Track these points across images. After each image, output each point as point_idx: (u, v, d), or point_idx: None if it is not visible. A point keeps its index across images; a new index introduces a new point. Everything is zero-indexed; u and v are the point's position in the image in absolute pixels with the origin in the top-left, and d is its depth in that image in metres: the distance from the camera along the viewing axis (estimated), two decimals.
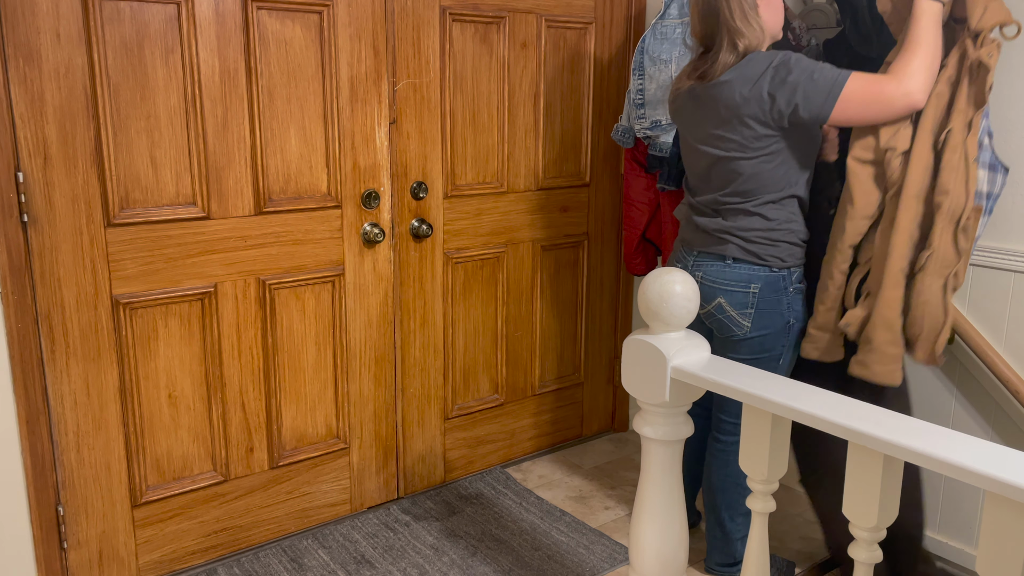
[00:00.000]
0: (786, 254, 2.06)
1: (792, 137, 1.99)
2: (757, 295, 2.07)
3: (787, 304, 2.09)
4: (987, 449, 1.24)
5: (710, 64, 2.02)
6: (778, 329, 2.10)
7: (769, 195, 2.03)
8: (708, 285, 2.11)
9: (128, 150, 2.09)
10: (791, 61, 1.91)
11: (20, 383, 2.01)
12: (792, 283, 2.09)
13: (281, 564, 2.41)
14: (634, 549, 1.75)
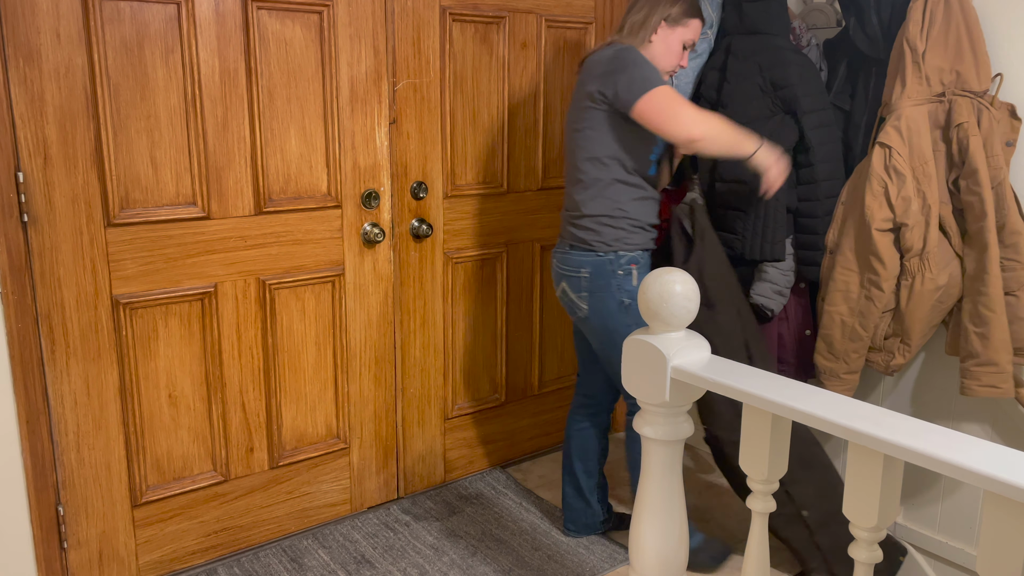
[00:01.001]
0: (611, 238, 2.20)
1: (615, 122, 2.14)
2: (588, 279, 2.22)
3: (617, 285, 2.20)
4: (987, 449, 1.24)
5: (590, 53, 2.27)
6: (612, 310, 2.21)
7: (599, 184, 2.20)
8: (554, 270, 2.32)
9: (128, 150, 2.09)
10: (630, 55, 2.11)
11: (20, 383, 2.01)
12: (621, 265, 2.20)
13: (281, 564, 2.41)
14: (634, 549, 1.75)
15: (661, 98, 2.06)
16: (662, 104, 2.06)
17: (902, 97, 2.18)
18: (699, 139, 2.08)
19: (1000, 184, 2.13)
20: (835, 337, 2.33)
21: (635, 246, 2.22)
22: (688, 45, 2.24)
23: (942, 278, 2.19)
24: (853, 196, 2.29)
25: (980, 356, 2.15)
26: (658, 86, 2.07)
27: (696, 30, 2.23)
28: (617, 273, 2.20)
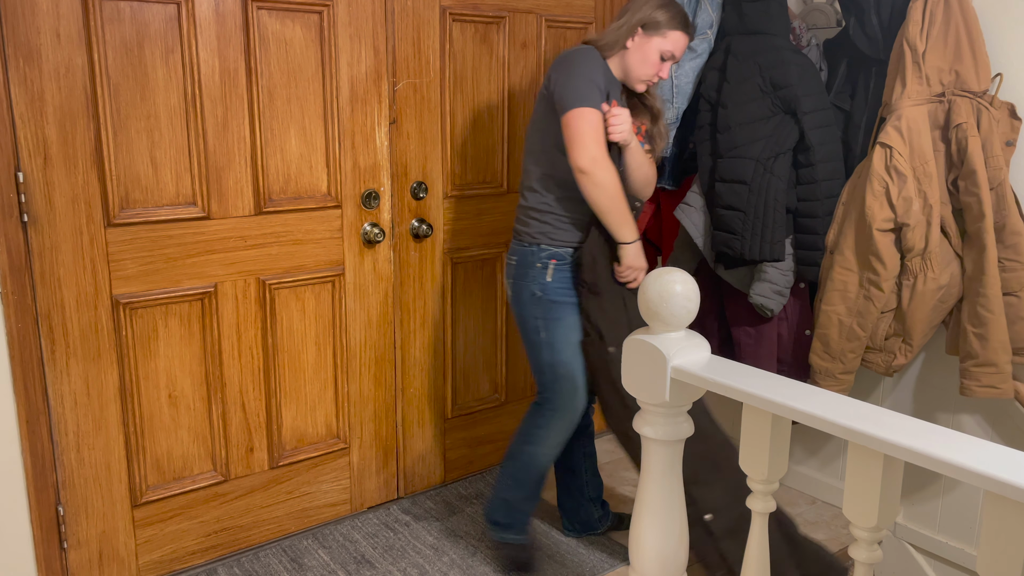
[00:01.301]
0: (536, 231, 2.24)
1: (554, 118, 2.14)
2: (514, 268, 2.29)
3: (533, 276, 2.24)
4: (987, 449, 1.24)
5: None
6: (525, 300, 2.26)
7: (534, 176, 2.24)
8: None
9: (128, 150, 2.09)
10: (580, 56, 2.13)
11: (20, 383, 2.01)
12: (540, 259, 2.22)
13: (281, 564, 2.41)
14: (634, 549, 1.75)
15: (579, 121, 2.05)
16: (575, 126, 2.05)
17: (902, 97, 2.18)
18: (584, 172, 2.05)
19: (1000, 184, 2.13)
20: (832, 337, 2.33)
21: (558, 242, 2.22)
22: (667, 57, 2.20)
23: (944, 278, 2.19)
24: (853, 196, 2.29)
25: (979, 357, 2.15)
26: (584, 107, 2.05)
27: (677, 43, 2.19)
28: (536, 265, 2.23)
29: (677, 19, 2.19)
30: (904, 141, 2.16)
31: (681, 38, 2.21)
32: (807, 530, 2.65)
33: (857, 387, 2.64)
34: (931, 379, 2.50)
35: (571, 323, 2.24)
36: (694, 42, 2.60)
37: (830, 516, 2.74)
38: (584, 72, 2.10)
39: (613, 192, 2.09)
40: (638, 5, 2.19)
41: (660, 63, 2.20)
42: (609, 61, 2.23)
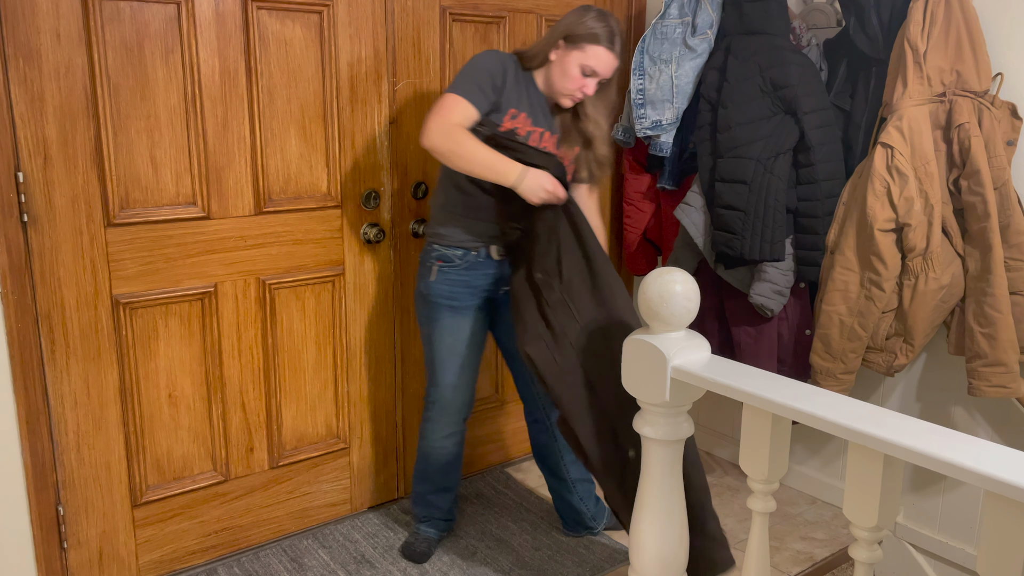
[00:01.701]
0: (431, 231, 2.26)
1: None
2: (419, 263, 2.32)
3: (422, 274, 2.27)
4: (987, 449, 1.23)
5: None
6: (416, 295, 2.32)
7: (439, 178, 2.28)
8: None
9: (128, 150, 2.09)
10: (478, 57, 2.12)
11: (20, 383, 2.01)
12: (431, 258, 2.24)
13: (281, 564, 2.41)
14: (634, 549, 1.75)
15: (441, 101, 2.03)
16: (436, 106, 2.03)
17: (903, 97, 2.18)
18: (430, 149, 2.02)
19: (1004, 184, 2.13)
20: (833, 337, 2.33)
21: (448, 244, 2.21)
22: (588, 72, 2.11)
23: (945, 277, 2.19)
24: (854, 196, 2.29)
25: (988, 357, 2.15)
26: (454, 92, 2.04)
27: (600, 60, 2.10)
28: (426, 264, 2.25)
29: (601, 35, 2.10)
30: (905, 141, 2.16)
31: (604, 54, 2.11)
32: (807, 530, 2.65)
33: (858, 387, 2.64)
34: (932, 379, 2.50)
35: (448, 325, 2.24)
36: (694, 42, 2.60)
37: (830, 516, 2.74)
38: (471, 70, 2.08)
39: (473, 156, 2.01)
40: (567, 17, 2.13)
41: (581, 78, 2.12)
42: (535, 74, 2.19)
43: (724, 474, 3.02)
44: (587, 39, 2.09)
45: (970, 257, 2.19)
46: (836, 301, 2.31)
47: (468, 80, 2.06)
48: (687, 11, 2.62)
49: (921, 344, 2.28)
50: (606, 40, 2.10)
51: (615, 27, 2.12)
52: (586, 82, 2.13)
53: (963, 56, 2.15)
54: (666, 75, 2.62)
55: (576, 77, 2.12)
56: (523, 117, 2.15)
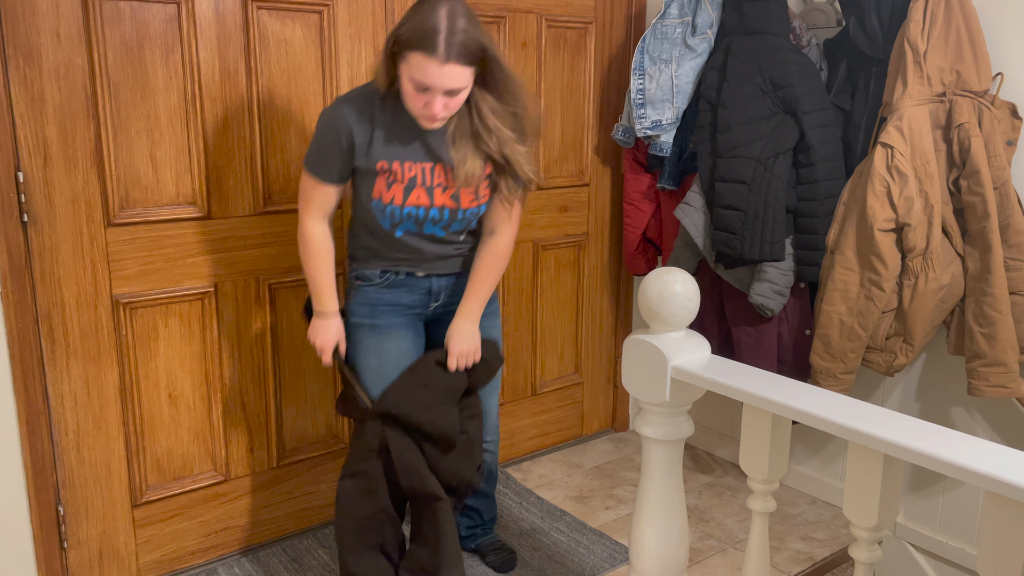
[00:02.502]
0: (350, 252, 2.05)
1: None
2: None
3: (346, 292, 2.08)
4: (987, 449, 1.23)
5: None
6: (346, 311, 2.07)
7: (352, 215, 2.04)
8: None
9: (128, 150, 2.09)
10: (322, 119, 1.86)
11: (20, 383, 2.01)
12: (350, 277, 2.05)
13: (281, 564, 2.41)
14: (634, 549, 1.75)
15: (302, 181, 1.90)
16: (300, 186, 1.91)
17: (903, 97, 2.18)
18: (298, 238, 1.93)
19: (1004, 184, 2.13)
20: (833, 337, 2.33)
21: (364, 263, 2.00)
22: (420, 88, 1.68)
23: (945, 277, 2.19)
24: (854, 196, 2.29)
25: (987, 357, 2.15)
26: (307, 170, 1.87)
27: (423, 70, 1.65)
28: (348, 283, 2.07)
29: (420, 37, 1.65)
30: (905, 141, 2.16)
31: (426, 63, 1.64)
32: (807, 530, 2.65)
33: (858, 387, 2.64)
34: (932, 379, 2.50)
35: (370, 346, 1.99)
36: (694, 41, 2.60)
37: (830, 516, 2.74)
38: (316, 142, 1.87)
39: (304, 258, 1.94)
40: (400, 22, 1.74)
41: (419, 95, 1.70)
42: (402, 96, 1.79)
43: (724, 474, 3.02)
44: (407, 45, 1.66)
45: (970, 257, 2.19)
46: (836, 301, 2.31)
47: (316, 155, 1.86)
48: (687, 11, 2.62)
49: (921, 344, 2.28)
50: (426, 44, 1.63)
51: (447, 23, 1.63)
52: (427, 99, 1.69)
53: (963, 56, 2.16)
54: (666, 75, 2.62)
55: (413, 95, 1.71)
56: (396, 166, 1.84)
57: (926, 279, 2.18)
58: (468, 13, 1.68)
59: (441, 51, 1.63)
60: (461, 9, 1.67)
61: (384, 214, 1.89)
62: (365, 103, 1.83)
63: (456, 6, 1.67)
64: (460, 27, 1.65)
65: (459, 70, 1.67)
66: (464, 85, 1.71)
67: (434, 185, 1.88)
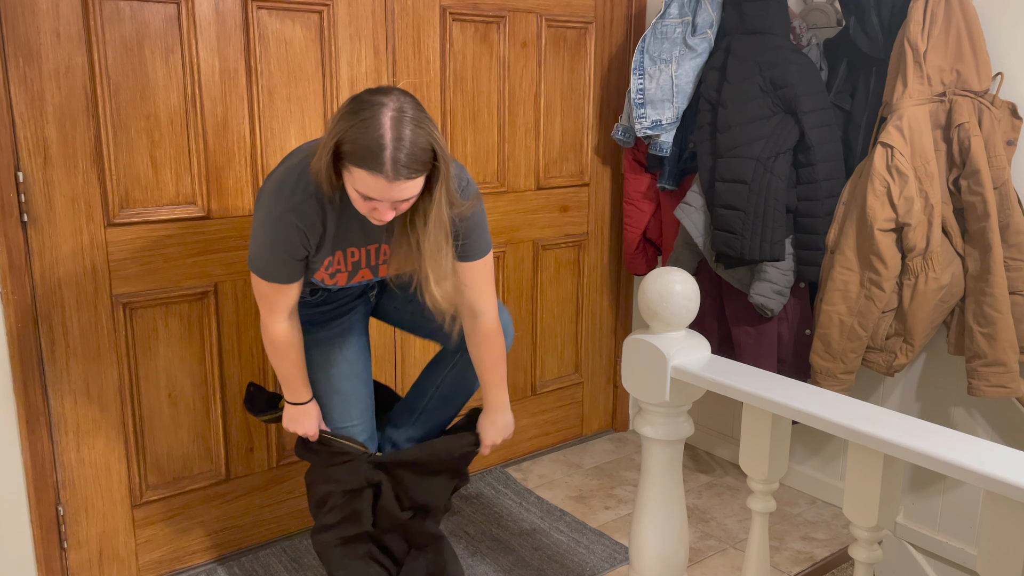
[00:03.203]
0: None
1: None
2: None
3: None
4: (987, 449, 1.24)
5: None
6: None
7: None
8: None
9: (128, 150, 2.09)
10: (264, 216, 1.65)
11: (20, 383, 2.01)
12: None
13: (281, 564, 2.41)
14: (634, 549, 1.75)
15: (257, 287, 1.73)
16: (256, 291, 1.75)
17: (903, 97, 2.18)
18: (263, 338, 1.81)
19: (1004, 184, 2.13)
20: (833, 337, 2.33)
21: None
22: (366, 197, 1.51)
23: (945, 277, 2.19)
24: (854, 196, 2.29)
25: (987, 356, 2.15)
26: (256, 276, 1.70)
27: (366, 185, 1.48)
28: None
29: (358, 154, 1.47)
30: (905, 141, 2.16)
31: (368, 178, 1.47)
32: (807, 530, 2.65)
33: (858, 387, 2.64)
34: (932, 379, 2.50)
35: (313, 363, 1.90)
36: (694, 41, 2.60)
37: (830, 516, 2.74)
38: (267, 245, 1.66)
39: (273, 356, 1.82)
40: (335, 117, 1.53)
41: (365, 203, 1.53)
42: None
43: (724, 474, 3.02)
44: (349, 159, 1.49)
45: (970, 257, 2.19)
46: (836, 301, 2.31)
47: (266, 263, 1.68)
48: (687, 11, 2.62)
49: (921, 344, 2.28)
50: (371, 162, 1.45)
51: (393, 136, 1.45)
52: (376, 206, 1.53)
53: (963, 56, 2.16)
54: (666, 75, 2.62)
55: (360, 201, 1.54)
56: (339, 255, 1.72)
57: (926, 279, 2.18)
58: (414, 114, 1.49)
59: (388, 170, 1.45)
60: (408, 111, 1.48)
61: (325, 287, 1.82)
62: (315, 207, 1.62)
63: (402, 108, 1.48)
64: (407, 138, 1.46)
65: (409, 184, 1.50)
66: (415, 194, 1.54)
67: (379, 263, 1.79)
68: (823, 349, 2.37)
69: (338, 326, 1.92)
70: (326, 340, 1.91)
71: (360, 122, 1.46)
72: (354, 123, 1.47)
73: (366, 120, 1.46)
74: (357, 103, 1.49)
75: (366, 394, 1.97)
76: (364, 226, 1.70)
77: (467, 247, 1.77)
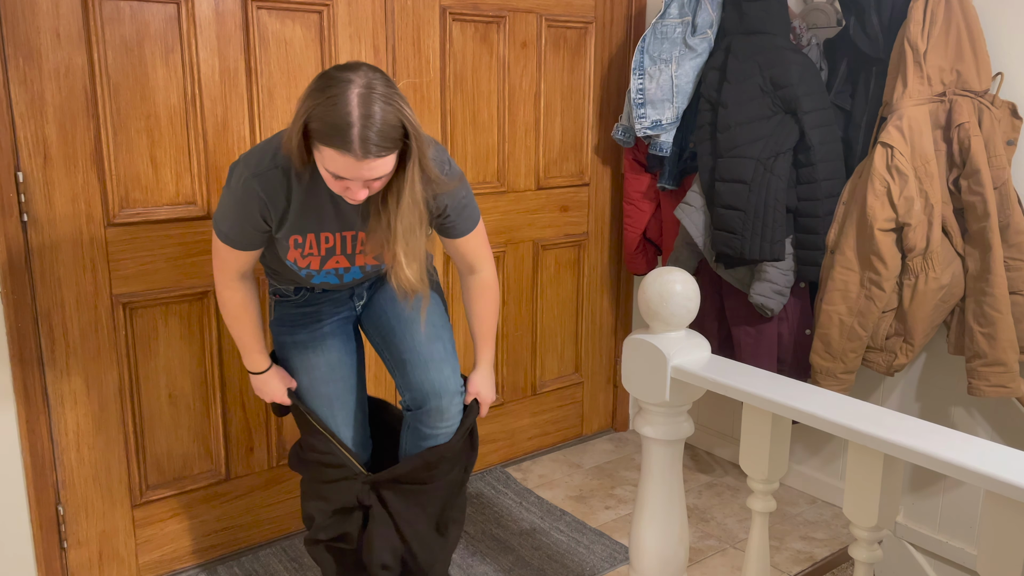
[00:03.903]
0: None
1: None
2: None
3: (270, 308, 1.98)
4: (987, 449, 1.23)
5: None
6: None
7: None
8: None
9: (128, 150, 2.09)
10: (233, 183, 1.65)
11: (20, 383, 2.01)
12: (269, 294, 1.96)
13: (281, 564, 2.41)
14: (634, 549, 1.75)
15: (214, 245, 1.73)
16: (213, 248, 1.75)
17: (903, 97, 2.18)
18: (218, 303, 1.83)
19: (1004, 184, 2.13)
20: (833, 336, 2.33)
21: (279, 282, 1.89)
22: (338, 177, 1.49)
23: (945, 277, 2.19)
24: (854, 196, 2.29)
25: (987, 356, 2.15)
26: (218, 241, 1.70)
27: (336, 164, 1.46)
28: (269, 294, 1.97)
29: (326, 132, 1.44)
30: (905, 141, 2.16)
31: (338, 157, 1.45)
32: (807, 530, 2.65)
33: (858, 387, 2.64)
34: (932, 379, 2.50)
35: (292, 365, 1.90)
36: (694, 41, 2.60)
37: (830, 516, 2.74)
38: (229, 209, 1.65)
39: (226, 321, 1.83)
40: (305, 93, 1.49)
41: (337, 182, 1.51)
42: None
43: (724, 474, 3.02)
44: (317, 137, 1.46)
45: (970, 257, 2.19)
46: (836, 301, 2.31)
47: (227, 225, 1.67)
48: (687, 11, 2.62)
49: (921, 344, 2.28)
50: (339, 141, 1.43)
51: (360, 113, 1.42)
52: (348, 185, 1.51)
53: (963, 56, 2.16)
54: (666, 75, 2.62)
55: (331, 180, 1.52)
56: (311, 238, 1.70)
57: (926, 279, 2.18)
58: (384, 90, 1.46)
59: (356, 148, 1.42)
60: (377, 87, 1.45)
61: (300, 273, 1.77)
62: (280, 178, 1.60)
63: (370, 84, 1.44)
64: (376, 115, 1.42)
65: (379, 162, 1.47)
66: (387, 172, 1.51)
67: (355, 252, 1.75)
68: (823, 349, 2.37)
69: (318, 329, 1.89)
70: (306, 343, 1.88)
71: (327, 100, 1.43)
72: (320, 101, 1.44)
73: (333, 98, 1.43)
74: (324, 80, 1.46)
75: (352, 400, 1.93)
76: (339, 208, 1.68)
77: (459, 224, 1.78)
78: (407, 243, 1.61)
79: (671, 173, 2.76)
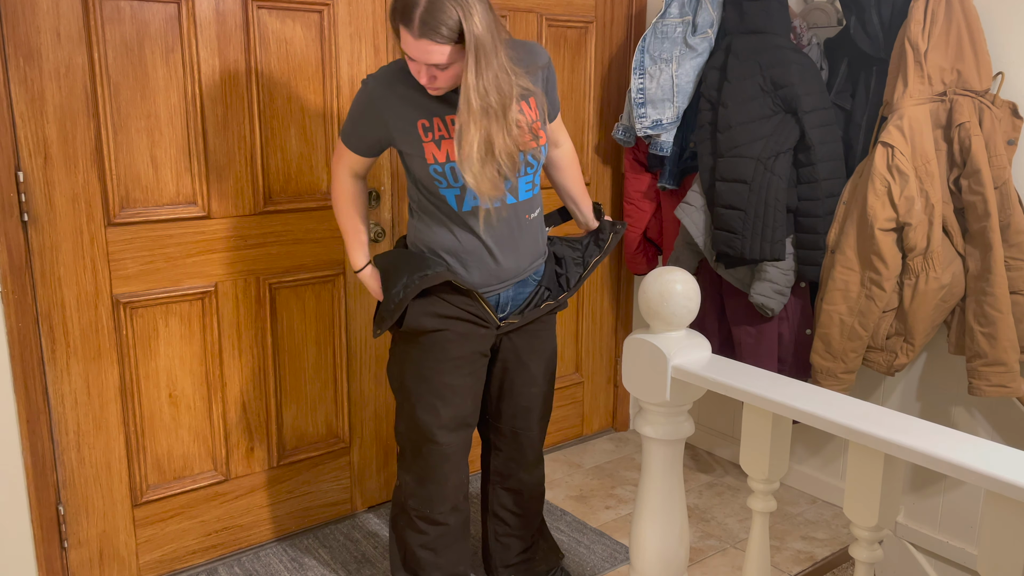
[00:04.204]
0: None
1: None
2: None
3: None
4: (987, 449, 1.23)
5: None
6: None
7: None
8: None
9: (128, 149, 2.09)
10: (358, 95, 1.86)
11: (20, 383, 2.01)
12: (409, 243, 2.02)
13: (282, 563, 2.41)
14: (635, 549, 1.75)
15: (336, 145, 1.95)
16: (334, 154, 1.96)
17: (904, 96, 2.18)
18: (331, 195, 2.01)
19: (1004, 184, 2.13)
20: (833, 336, 2.33)
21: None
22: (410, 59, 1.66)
23: (946, 277, 2.19)
24: (854, 195, 2.29)
25: (988, 356, 2.15)
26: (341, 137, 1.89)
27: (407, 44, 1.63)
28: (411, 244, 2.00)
29: (397, 9, 1.62)
30: (906, 140, 2.16)
31: (404, 34, 1.62)
32: (808, 530, 2.65)
33: (858, 387, 2.64)
34: (933, 379, 2.49)
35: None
36: (694, 41, 2.60)
37: (831, 515, 2.74)
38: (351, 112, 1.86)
39: (335, 209, 1.98)
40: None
41: (412, 64, 1.67)
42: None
43: (724, 474, 3.02)
44: (392, 15, 1.64)
45: (970, 256, 2.19)
46: (836, 300, 2.31)
47: (348, 127, 1.88)
48: (687, 10, 2.62)
49: (921, 344, 2.28)
50: (404, 17, 1.60)
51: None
52: (421, 70, 1.66)
53: (964, 55, 2.15)
54: (666, 74, 2.62)
55: (409, 64, 1.69)
56: (437, 122, 1.78)
57: (927, 278, 2.18)
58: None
59: (416, 26, 1.58)
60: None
61: (445, 178, 1.78)
62: (393, 75, 1.79)
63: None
64: (440, 5, 1.56)
65: (434, 47, 1.59)
66: (443, 62, 1.62)
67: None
68: (824, 349, 2.37)
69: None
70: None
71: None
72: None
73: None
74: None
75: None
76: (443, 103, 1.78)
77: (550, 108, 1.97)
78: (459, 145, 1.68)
79: (671, 173, 2.76)
